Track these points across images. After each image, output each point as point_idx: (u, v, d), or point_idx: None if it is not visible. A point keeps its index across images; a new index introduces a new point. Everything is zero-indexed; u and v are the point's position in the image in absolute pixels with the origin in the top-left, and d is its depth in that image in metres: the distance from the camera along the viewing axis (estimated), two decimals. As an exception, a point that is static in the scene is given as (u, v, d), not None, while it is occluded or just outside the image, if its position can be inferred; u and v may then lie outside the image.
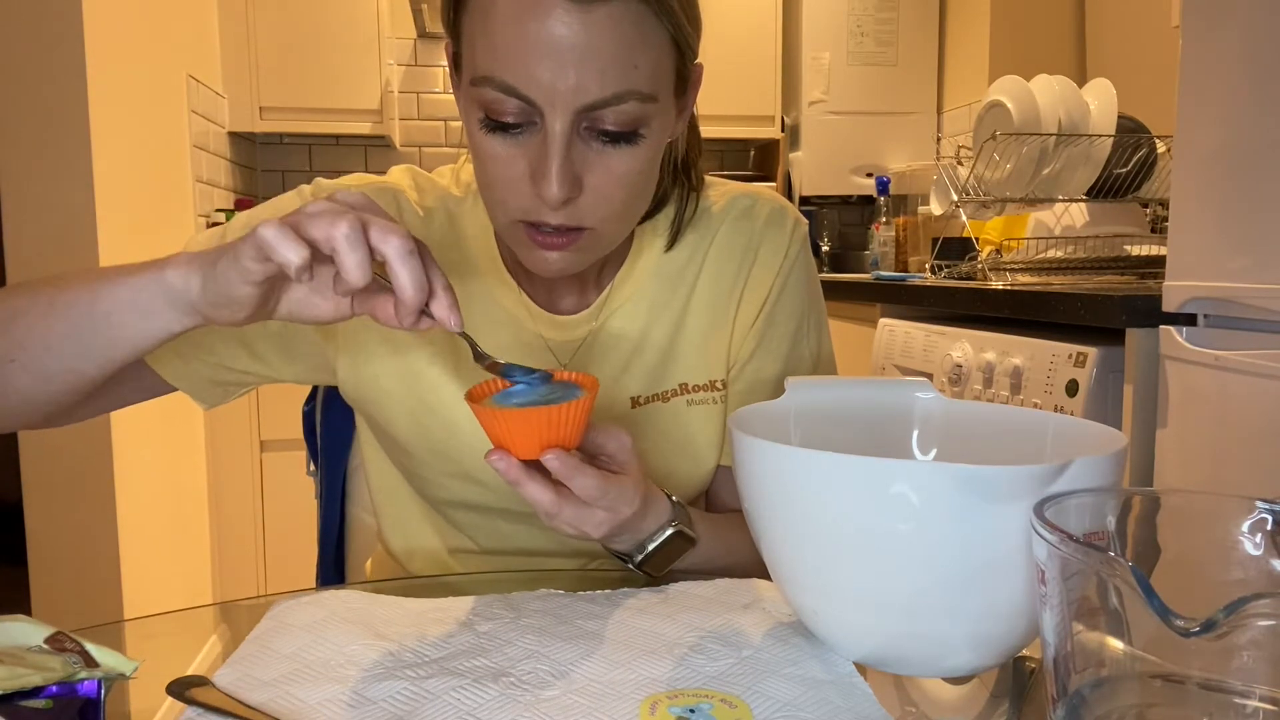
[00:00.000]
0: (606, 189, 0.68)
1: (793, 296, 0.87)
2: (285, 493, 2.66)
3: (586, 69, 0.63)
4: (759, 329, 0.85)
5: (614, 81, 0.64)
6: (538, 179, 0.66)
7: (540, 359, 0.82)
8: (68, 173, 1.88)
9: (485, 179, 0.70)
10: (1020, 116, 1.85)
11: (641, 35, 0.65)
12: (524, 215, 0.69)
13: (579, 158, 0.67)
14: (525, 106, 0.65)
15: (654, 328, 0.83)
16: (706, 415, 0.85)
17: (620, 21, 0.63)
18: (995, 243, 1.96)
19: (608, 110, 0.65)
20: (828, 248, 3.39)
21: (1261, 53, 1.12)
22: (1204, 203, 1.21)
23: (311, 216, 0.56)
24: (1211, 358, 1.19)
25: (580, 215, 0.69)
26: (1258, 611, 0.35)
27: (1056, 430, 0.64)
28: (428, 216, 0.82)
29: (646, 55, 0.65)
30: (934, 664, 0.57)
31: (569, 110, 0.64)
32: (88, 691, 0.47)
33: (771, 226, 0.86)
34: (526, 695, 0.53)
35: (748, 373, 0.86)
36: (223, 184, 2.95)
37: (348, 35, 2.97)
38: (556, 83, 0.63)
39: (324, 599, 0.67)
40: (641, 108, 0.66)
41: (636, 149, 0.68)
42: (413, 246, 0.57)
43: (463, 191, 0.84)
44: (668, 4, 0.65)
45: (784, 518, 0.56)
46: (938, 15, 3.21)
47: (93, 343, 0.63)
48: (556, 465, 0.62)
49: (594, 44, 0.63)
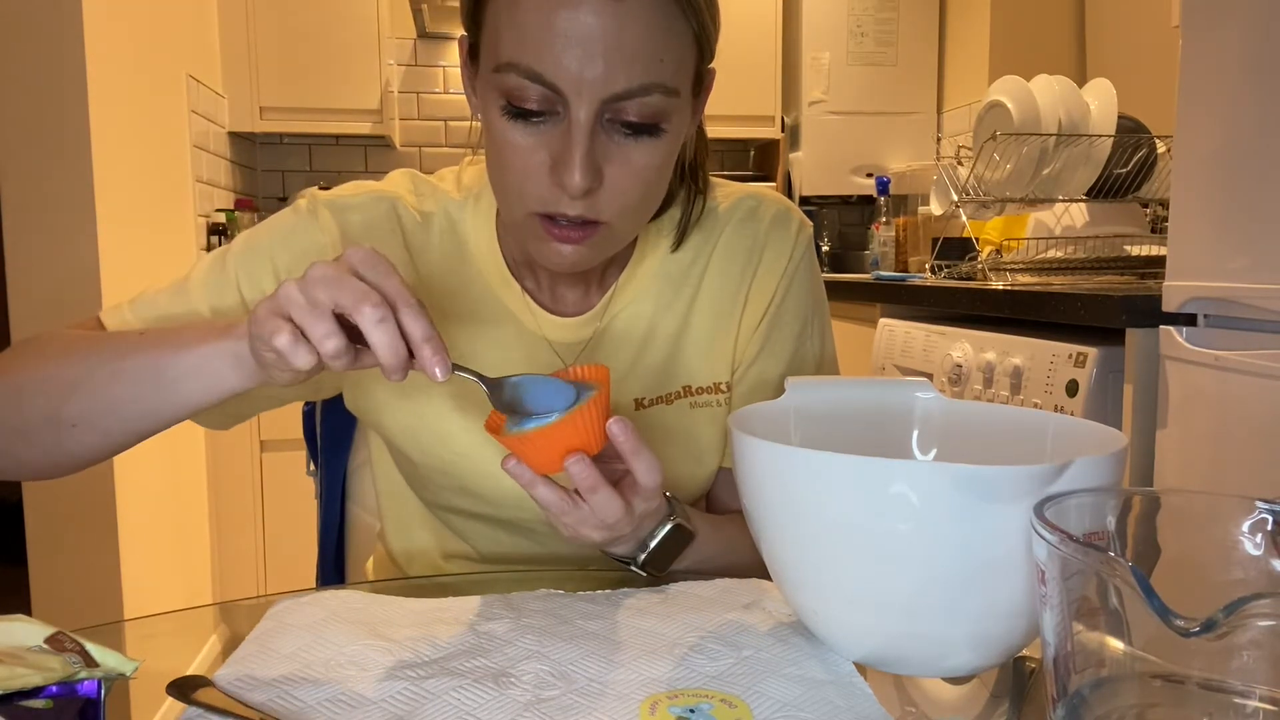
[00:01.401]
0: (625, 182, 0.69)
1: (797, 298, 0.87)
2: (285, 493, 2.66)
3: (615, 59, 0.64)
4: (764, 331, 0.85)
5: (641, 73, 0.65)
6: (560, 168, 0.66)
7: (545, 360, 0.81)
8: (68, 173, 1.88)
9: (503, 168, 0.70)
10: (1020, 117, 1.85)
11: (669, 29, 0.65)
12: (542, 206, 0.69)
13: (600, 149, 0.67)
14: (549, 94, 0.65)
15: (658, 329, 0.83)
16: (710, 418, 0.85)
17: (650, 13, 0.64)
18: (995, 243, 1.96)
19: (633, 101, 0.65)
20: (828, 248, 3.39)
21: (1261, 53, 1.12)
22: (1204, 203, 1.21)
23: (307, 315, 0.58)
24: (1211, 358, 1.19)
25: (598, 208, 0.69)
26: (1258, 611, 0.35)
27: (1056, 430, 0.64)
28: (426, 221, 0.82)
29: (672, 49, 0.66)
30: (934, 664, 0.57)
31: (595, 100, 0.64)
32: (88, 691, 0.47)
33: (776, 228, 0.86)
34: (526, 695, 0.53)
35: (751, 374, 0.86)
36: (223, 184, 2.96)
37: (348, 35, 2.97)
38: (584, 71, 0.64)
39: (324, 599, 0.67)
40: (665, 101, 0.67)
41: (657, 143, 0.68)
42: (385, 313, 0.57)
43: (463, 195, 0.83)
44: (697, 4, 0.66)
45: (784, 518, 0.56)
46: (938, 15, 3.21)
47: (159, 407, 0.67)
48: (578, 471, 0.62)
49: (624, 34, 0.63)
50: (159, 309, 0.78)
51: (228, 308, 0.78)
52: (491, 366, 0.80)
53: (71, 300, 1.89)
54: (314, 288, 0.58)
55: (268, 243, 0.80)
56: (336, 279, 0.58)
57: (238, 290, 0.78)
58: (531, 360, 0.81)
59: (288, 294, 0.58)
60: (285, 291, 0.59)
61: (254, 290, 0.78)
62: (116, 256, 1.98)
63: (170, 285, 0.80)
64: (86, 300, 1.90)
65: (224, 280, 0.78)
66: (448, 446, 0.81)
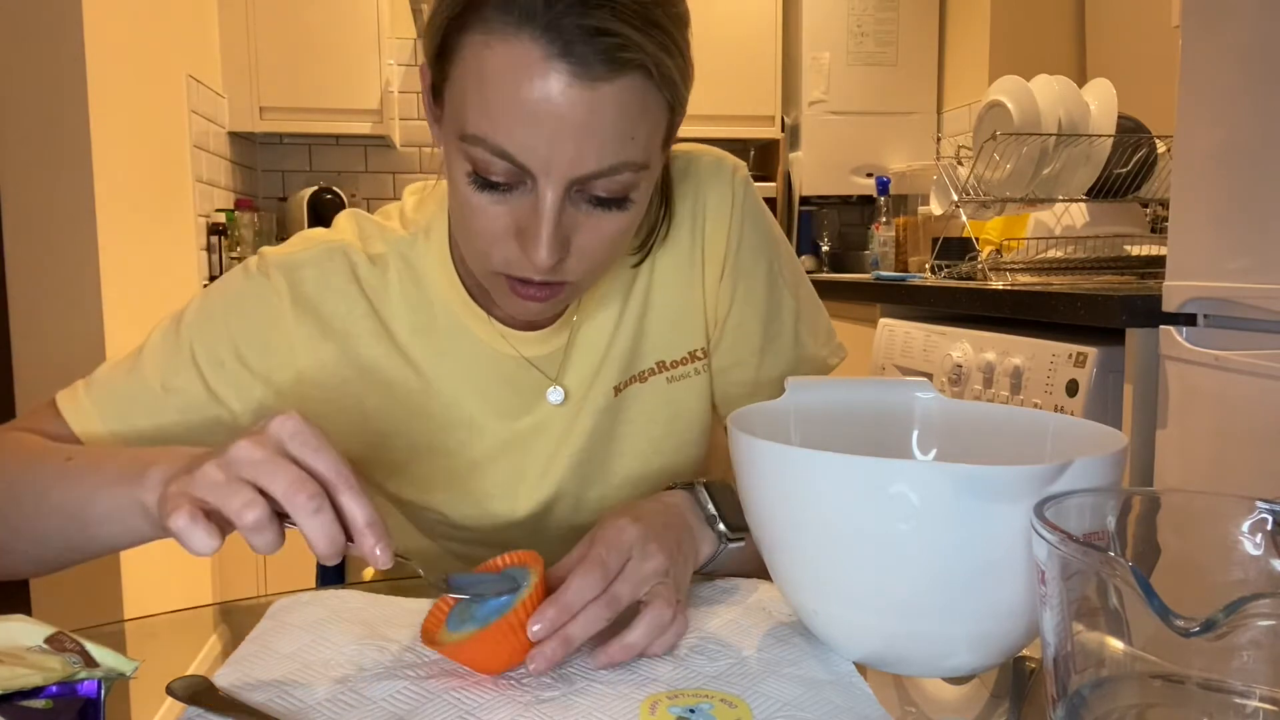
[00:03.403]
0: (592, 248, 0.68)
1: (752, 241, 0.85)
2: (285, 493, 2.66)
3: (586, 143, 0.62)
4: (729, 283, 0.84)
5: (612, 154, 0.64)
6: (526, 242, 0.66)
7: (523, 378, 0.81)
8: (68, 173, 1.88)
9: (468, 231, 0.69)
10: (1020, 116, 1.85)
11: (643, 108, 0.64)
12: (507, 269, 0.68)
13: (568, 221, 0.66)
14: (517, 170, 0.64)
15: (624, 315, 0.83)
16: (690, 388, 0.85)
17: (625, 95, 0.62)
18: (995, 243, 1.96)
19: (602, 180, 0.65)
20: (828, 248, 3.38)
21: (1261, 53, 1.12)
22: (1204, 203, 1.21)
23: (222, 491, 0.52)
24: (1211, 358, 1.19)
25: (564, 273, 0.68)
26: (1258, 611, 0.35)
27: (1056, 430, 0.64)
28: (379, 264, 0.80)
29: (644, 126, 0.65)
30: (934, 664, 0.57)
31: (563, 180, 0.63)
32: (88, 691, 0.47)
33: (711, 179, 0.83)
34: (526, 695, 0.53)
35: (730, 327, 0.85)
36: (223, 184, 2.96)
37: (348, 35, 2.97)
38: (554, 155, 0.62)
39: (324, 599, 0.67)
40: (634, 176, 0.66)
41: (625, 213, 0.68)
42: (320, 502, 0.52)
43: (411, 230, 0.81)
44: (670, 77, 0.65)
45: (784, 518, 0.56)
46: (938, 15, 3.21)
47: (84, 545, 0.66)
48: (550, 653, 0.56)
49: (596, 120, 0.62)
50: (115, 394, 0.76)
51: (182, 383, 0.76)
52: (474, 395, 0.80)
53: (71, 300, 1.89)
54: (240, 470, 0.53)
55: (221, 310, 0.78)
56: (264, 461, 0.53)
57: (193, 362, 0.76)
58: (512, 381, 0.81)
59: (205, 474, 0.53)
60: (203, 471, 0.53)
61: (210, 362, 0.76)
62: (116, 257, 1.98)
63: (126, 359, 0.78)
64: (86, 300, 1.90)
65: (178, 350, 0.77)
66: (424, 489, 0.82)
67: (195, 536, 0.51)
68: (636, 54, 0.61)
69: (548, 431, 0.82)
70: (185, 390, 0.76)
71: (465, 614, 0.57)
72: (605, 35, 0.60)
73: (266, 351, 0.77)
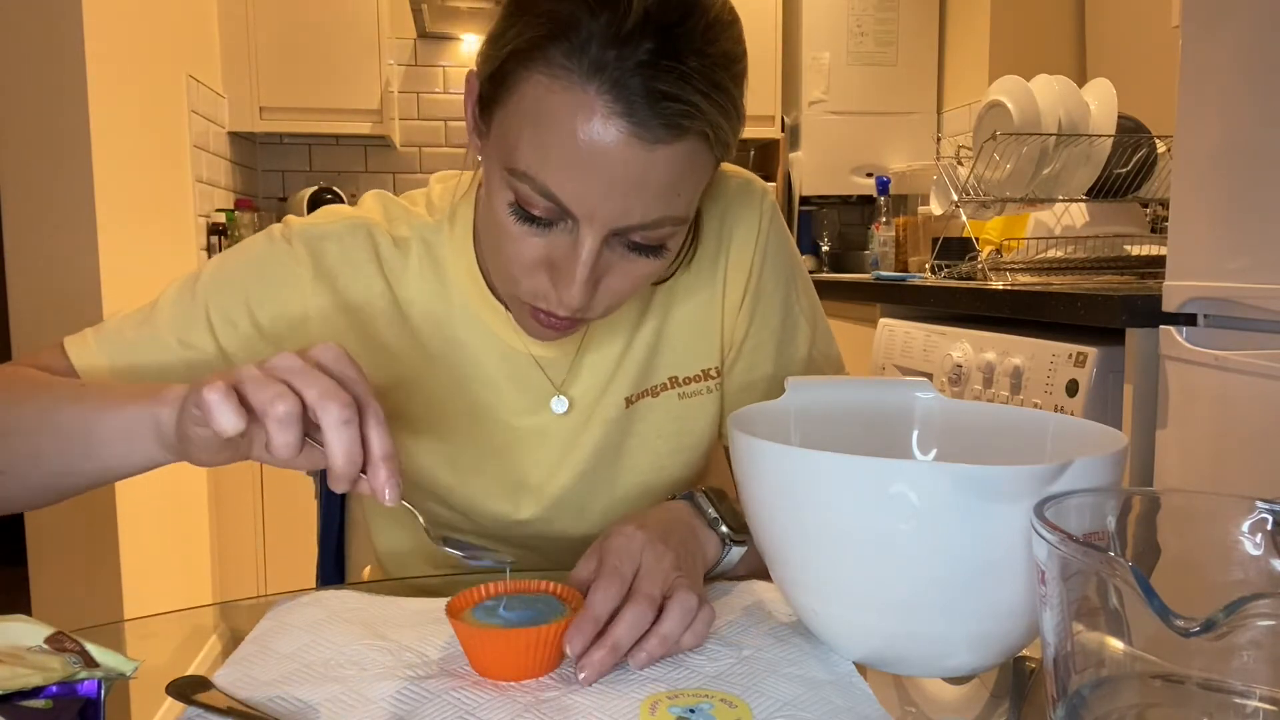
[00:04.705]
0: (620, 290, 0.69)
1: (775, 267, 0.85)
2: (285, 493, 2.66)
3: (634, 198, 0.63)
4: (749, 306, 0.85)
5: (657, 209, 0.64)
6: (559, 279, 0.67)
7: (530, 377, 0.81)
8: (68, 173, 1.88)
9: (501, 255, 0.69)
10: (1020, 116, 1.85)
11: (693, 168, 0.65)
12: (534, 300, 0.69)
13: (602, 264, 0.67)
14: (560, 210, 0.64)
15: (640, 326, 0.83)
16: (701, 406, 0.85)
17: (678, 159, 0.63)
18: (995, 243, 1.96)
19: (641, 231, 0.65)
20: (828, 248, 3.38)
21: (1261, 53, 1.12)
22: (1204, 203, 1.21)
23: (258, 382, 0.54)
24: (1211, 358, 1.19)
25: (590, 309, 0.69)
26: (1258, 611, 0.35)
27: (1056, 430, 0.64)
28: (402, 246, 0.80)
29: (690, 182, 0.66)
30: (934, 664, 0.57)
31: (605, 228, 0.64)
32: (88, 691, 0.47)
33: (740, 201, 0.84)
34: (526, 695, 0.53)
35: (745, 350, 0.86)
36: (223, 184, 2.95)
37: (348, 35, 2.97)
38: (601, 206, 0.63)
39: (324, 599, 0.67)
40: (674, 229, 0.67)
41: (658, 259, 0.69)
42: (351, 415, 0.53)
43: (437, 217, 0.81)
44: (725, 140, 0.65)
45: (784, 518, 0.56)
46: (938, 15, 3.21)
47: (82, 466, 0.64)
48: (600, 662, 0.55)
49: (648, 178, 0.62)
50: (124, 340, 0.76)
51: (195, 339, 0.76)
52: (479, 386, 0.80)
53: (71, 300, 1.89)
54: (278, 373, 0.54)
55: (240, 272, 0.78)
56: (304, 370, 0.54)
57: (206, 320, 0.76)
58: (519, 378, 0.81)
59: (244, 371, 0.54)
60: (242, 370, 0.55)
61: (224, 321, 0.76)
62: (116, 256, 1.98)
63: (138, 312, 0.78)
64: (87, 300, 1.90)
65: (193, 309, 0.77)
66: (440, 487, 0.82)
67: (223, 411, 0.52)
68: (698, 121, 0.62)
69: (551, 438, 0.82)
70: (196, 346, 0.76)
71: (494, 612, 0.58)
72: (671, 100, 0.60)
73: (280, 317, 0.77)
